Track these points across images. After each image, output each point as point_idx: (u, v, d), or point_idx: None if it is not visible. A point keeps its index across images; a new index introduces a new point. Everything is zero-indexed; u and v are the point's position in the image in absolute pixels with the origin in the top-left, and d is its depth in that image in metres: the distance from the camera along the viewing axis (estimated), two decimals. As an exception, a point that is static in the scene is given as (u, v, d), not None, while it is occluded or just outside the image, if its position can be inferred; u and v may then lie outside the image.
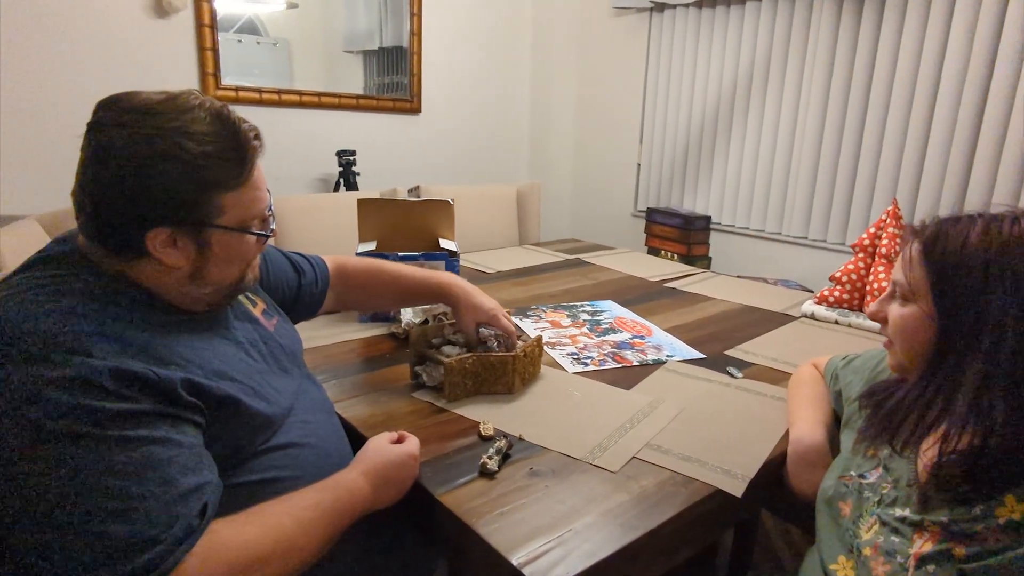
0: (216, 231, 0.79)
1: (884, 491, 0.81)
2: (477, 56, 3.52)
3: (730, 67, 2.94)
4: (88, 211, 0.75)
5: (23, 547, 0.63)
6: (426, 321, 1.43)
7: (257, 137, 0.82)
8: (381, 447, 0.90)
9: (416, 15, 3.19)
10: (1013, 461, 0.69)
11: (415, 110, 3.31)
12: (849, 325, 1.66)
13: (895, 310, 0.82)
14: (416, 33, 3.21)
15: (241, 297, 0.96)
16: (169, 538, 0.64)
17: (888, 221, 1.67)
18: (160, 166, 0.73)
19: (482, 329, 1.23)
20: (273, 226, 0.89)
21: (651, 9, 3.21)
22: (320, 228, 2.20)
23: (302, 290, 1.18)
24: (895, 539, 0.76)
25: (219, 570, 0.67)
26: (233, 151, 0.78)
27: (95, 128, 0.74)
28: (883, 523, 0.78)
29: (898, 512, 0.77)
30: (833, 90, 2.60)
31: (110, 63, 2.38)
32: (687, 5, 3.04)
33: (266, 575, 0.70)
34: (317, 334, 1.43)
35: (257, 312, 0.99)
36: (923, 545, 0.73)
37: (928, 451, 0.78)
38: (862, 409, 0.93)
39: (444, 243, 1.67)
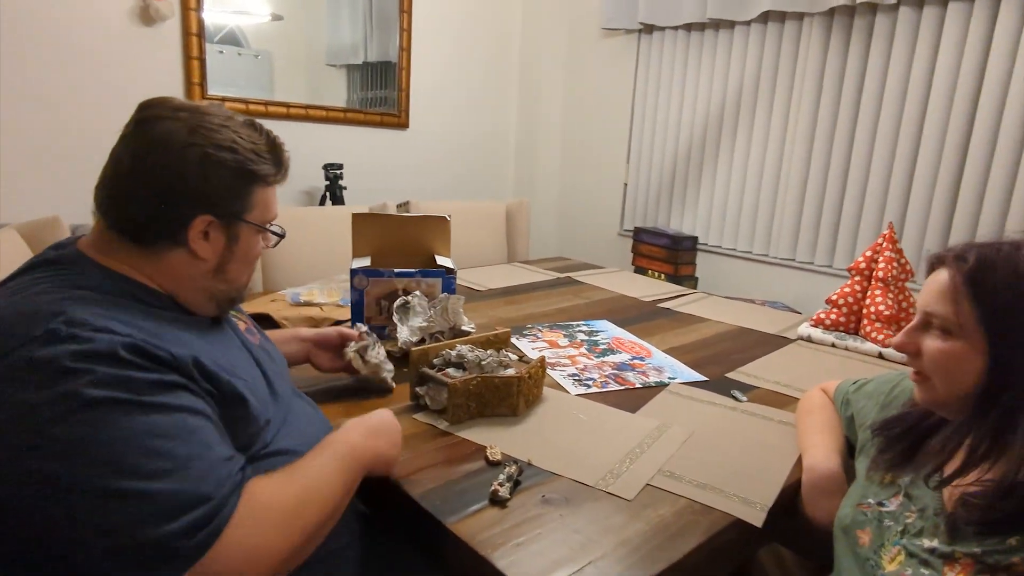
0: (245, 226, 0.84)
1: (908, 520, 0.79)
2: (465, 73, 3.51)
3: (718, 89, 2.96)
4: (129, 201, 0.77)
5: (77, 515, 0.61)
6: (423, 340, 1.39)
7: (283, 144, 0.89)
8: (354, 420, 0.92)
9: (406, 30, 3.17)
10: None
11: (403, 125, 3.28)
12: (846, 348, 1.66)
13: (933, 344, 0.78)
14: (406, 48, 3.19)
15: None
16: (219, 494, 0.65)
17: (884, 245, 1.68)
18: (219, 155, 0.79)
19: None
20: (283, 231, 0.93)
21: (640, 31, 3.24)
22: (310, 242, 2.15)
23: None
24: (924, 571, 0.74)
25: (267, 520, 0.69)
26: (270, 152, 0.85)
27: (147, 122, 0.78)
28: (911, 554, 0.76)
29: (926, 543, 0.75)
30: (821, 113, 2.63)
31: (94, 71, 2.31)
32: (676, 27, 3.07)
33: (306, 523, 0.73)
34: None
35: (242, 328, 0.99)
36: (956, 578, 0.71)
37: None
38: (875, 438, 0.91)
39: (440, 260, 1.63)
